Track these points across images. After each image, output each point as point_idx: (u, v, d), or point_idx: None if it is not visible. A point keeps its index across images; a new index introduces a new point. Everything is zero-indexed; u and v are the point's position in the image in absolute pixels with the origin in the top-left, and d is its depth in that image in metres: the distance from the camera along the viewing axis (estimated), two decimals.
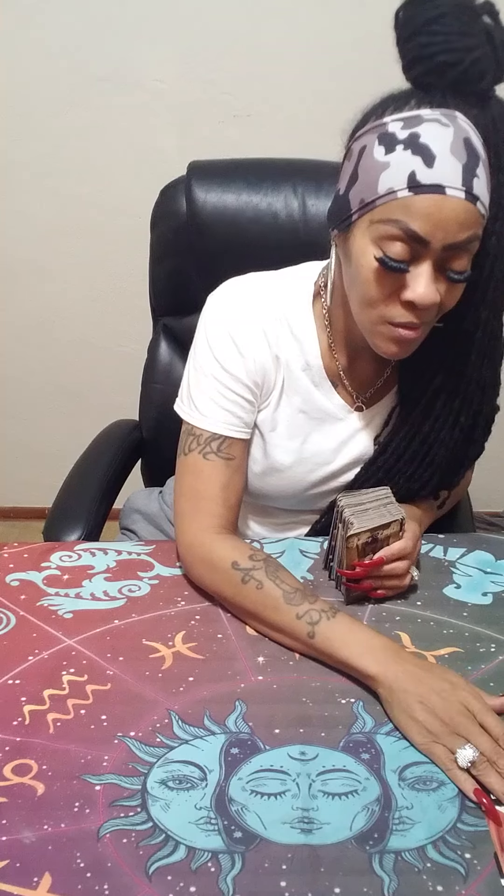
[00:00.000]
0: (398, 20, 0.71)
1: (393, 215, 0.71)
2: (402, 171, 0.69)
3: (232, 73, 1.72)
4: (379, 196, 0.71)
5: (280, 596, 0.78)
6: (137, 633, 0.80)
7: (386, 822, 0.60)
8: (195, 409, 0.88)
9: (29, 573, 0.89)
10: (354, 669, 0.72)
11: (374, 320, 0.78)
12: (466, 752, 0.63)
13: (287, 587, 0.78)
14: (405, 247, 0.71)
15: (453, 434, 0.89)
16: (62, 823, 0.60)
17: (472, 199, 0.69)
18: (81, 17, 1.67)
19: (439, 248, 0.71)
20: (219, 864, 0.57)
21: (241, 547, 0.83)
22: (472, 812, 0.61)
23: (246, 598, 0.80)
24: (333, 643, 0.74)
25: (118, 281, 1.95)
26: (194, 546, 0.85)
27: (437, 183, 0.68)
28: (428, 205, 0.69)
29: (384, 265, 0.72)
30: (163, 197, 1.19)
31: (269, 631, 0.79)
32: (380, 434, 0.94)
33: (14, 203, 1.88)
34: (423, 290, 0.72)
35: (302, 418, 0.92)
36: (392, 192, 0.70)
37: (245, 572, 0.80)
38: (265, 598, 0.78)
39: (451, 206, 0.69)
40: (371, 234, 0.73)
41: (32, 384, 2.13)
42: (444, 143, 0.68)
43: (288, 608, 0.77)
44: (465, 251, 0.72)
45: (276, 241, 1.14)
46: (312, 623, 0.75)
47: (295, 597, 0.77)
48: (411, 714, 0.67)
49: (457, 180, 0.68)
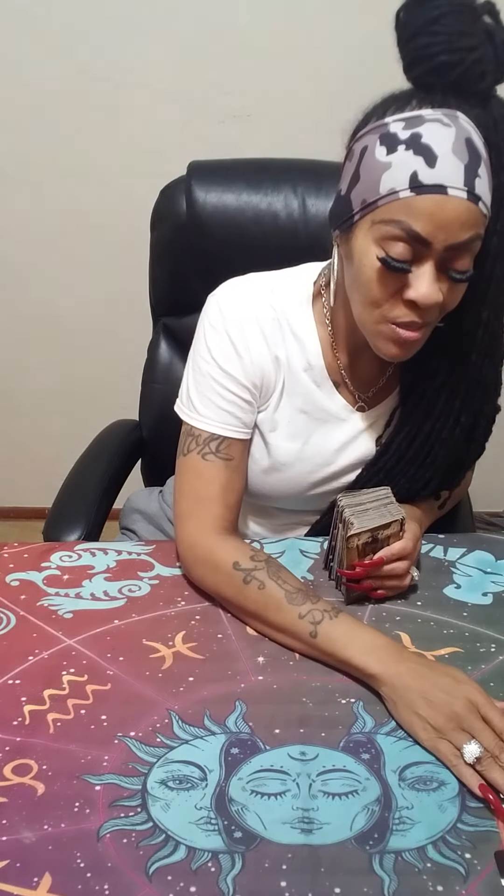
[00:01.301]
0: (399, 20, 0.71)
1: (395, 216, 0.71)
2: (404, 171, 0.69)
3: (232, 73, 1.72)
4: (381, 196, 0.71)
5: (282, 596, 0.78)
6: (137, 633, 0.80)
7: (386, 822, 0.60)
8: (194, 409, 0.88)
9: (29, 573, 0.89)
10: (357, 669, 0.72)
11: (377, 320, 0.78)
12: (472, 748, 0.63)
13: (289, 587, 0.78)
14: (407, 247, 0.71)
15: (454, 434, 0.89)
16: (62, 823, 0.60)
17: (474, 199, 0.69)
18: (81, 17, 1.67)
19: (441, 248, 0.71)
20: (219, 864, 0.57)
21: (243, 547, 0.83)
22: (472, 812, 0.61)
23: (248, 598, 0.80)
24: (336, 643, 0.74)
25: (118, 281, 1.95)
26: (195, 547, 0.85)
27: (439, 183, 0.68)
28: (430, 205, 0.69)
29: (386, 265, 0.72)
30: (163, 197, 1.19)
31: (271, 631, 0.79)
32: (382, 435, 0.94)
33: (14, 203, 1.88)
34: (425, 289, 0.72)
35: (303, 419, 0.92)
36: (394, 192, 0.70)
37: (247, 573, 0.80)
38: (267, 599, 0.78)
39: (452, 207, 0.69)
40: (373, 235, 0.73)
41: (32, 384, 2.13)
42: (446, 143, 0.68)
43: (290, 608, 0.77)
44: (467, 251, 0.72)
45: (277, 242, 1.14)
46: (315, 623, 0.75)
47: (297, 597, 0.77)
48: (415, 710, 0.67)
49: (459, 180, 0.68)
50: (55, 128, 1.78)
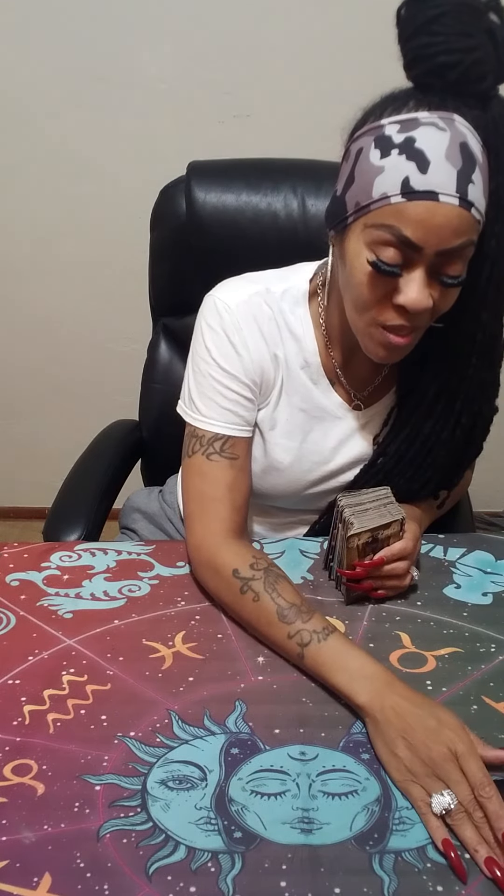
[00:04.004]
0: (399, 18, 0.70)
1: (386, 221, 0.70)
2: (397, 176, 0.69)
3: (232, 73, 1.72)
4: (373, 201, 0.71)
5: (274, 611, 0.76)
6: (137, 633, 0.80)
7: (386, 822, 0.60)
8: (196, 410, 0.88)
9: (29, 573, 0.89)
10: (343, 696, 0.71)
11: (367, 323, 0.78)
12: (442, 799, 0.59)
13: (283, 602, 0.77)
14: (398, 252, 0.71)
15: (454, 435, 0.88)
16: (62, 823, 0.60)
17: (466, 205, 0.69)
18: (81, 17, 1.67)
19: (432, 254, 0.70)
20: (219, 864, 0.57)
21: (245, 554, 0.83)
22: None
23: (243, 608, 0.79)
24: (322, 668, 0.72)
25: (118, 281, 1.95)
26: (201, 549, 0.85)
27: (431, 189, 0.68)
28: (421, 211, 0.69)
29: (377, 269, 0.72)
30: (163, 197, 1.19)
31: (266, 642, 0.79)
32: (378, 434, 0.94)
33: (14, 203, 1.88)
34: (415, 294, 0.72)
35: (301, 417, 0.92)
36: (386, 197, 0.70)
37: (244, 582, 0.80)
38: (259, 612, 0.78)
39: (444, 213, 0.68)
40: (365, 238, 0.73)
41: (33, 384, 2.13)
42: (440, 149, 0.68)
43: (280, 625, 0.76)
44: (458, 257, 0.71)
45: (276, 242, 1.14)
46: (302, 644, 0.74)
47: (289, 614, 0.76)
48: (393, 749, 0.64)
49: (451, 187, 0.68)
50: (55, 127, 1.78)
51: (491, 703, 0.72)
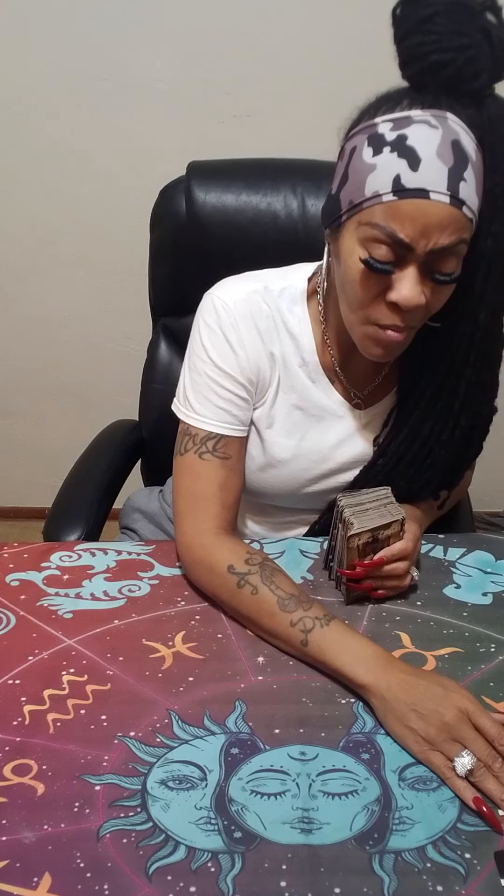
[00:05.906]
0: (394, 17, 0.71)
1: (377, 219, 0.70)
2: (388, 174, 0.69)
3: (232, 73, 1.72)
4: (365, 199, 0.71)
5: (274, 602, 0.77)
6: (137, 633, 0.80)
7: (386, 822, 0.60)
8: (190, 408, 0.88)
9: (29, 573, 0.89)
10: (346, 678, 0.72)
11: (361, 321, 0.78)
12: (464, 760, 0.62)
13: (282, 592, 0.78)
14: (390, 250, 0.71)
15: (453, 436, 0.88)
16: (62, 823, 0.60)
17: (457, 203, 0.69)
18: (81, 17, 1.67)
19: (424, 252, 0.70)
20: (219, 864, 0.57)
21: (238, 550, 0.83)
22: (471, 812, 0.61)
23: (241, 603, 0.80)
24: (325, 652, 0.73)
25: (118, 281, 1.95)
26: (193, 548, 0.85)
27: (421, 187, 0.68)
28: (412, 209, 0.69)
29: (369, 266, 0.72)
30: (162, 197, 1.19)
31: (266, 635, 0.79)
32: (379, 434, 0.94)
33: (14, 203, 1.88)
34: (407, 292, 0.72)
35: (299, 415, 0.92)
36: (377, 195, 0.70)
37: (240, 577, 0.80)
38: (259, 604, 0.78)
39: (434, 211, 0.68)
40: (358, 236, 0.73)
41: (32, 384, 2.13)
42: (431, 146, 0.68)
43: (282, 615, 0.76)
44: (451, 254, 0.71)
45: (276, 242, 1.14)
46: (306, 630, 0.75)
47: (289, 603, 0.77)
48: (406, 723, 0.66)
49: (441, 185, 0.68)
50: (55, 127, 1.78)
51: (491, 703, 0.72)
